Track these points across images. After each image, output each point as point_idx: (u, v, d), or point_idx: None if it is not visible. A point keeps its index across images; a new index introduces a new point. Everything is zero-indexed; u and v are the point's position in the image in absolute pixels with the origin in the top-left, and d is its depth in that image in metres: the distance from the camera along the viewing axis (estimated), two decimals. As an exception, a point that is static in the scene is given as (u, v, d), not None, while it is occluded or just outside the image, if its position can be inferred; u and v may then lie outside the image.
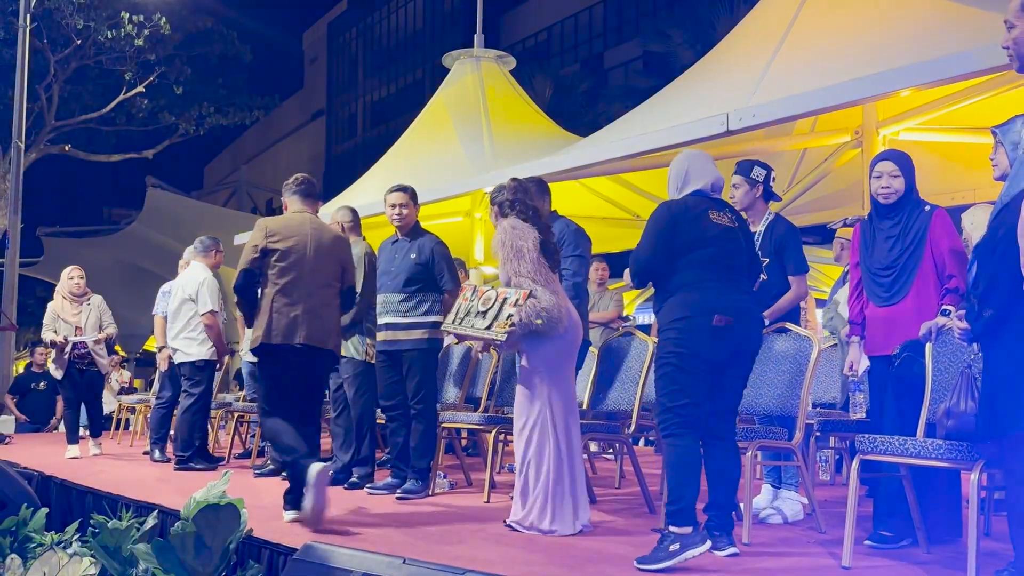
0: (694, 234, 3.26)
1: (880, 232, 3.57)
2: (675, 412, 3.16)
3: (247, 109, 20.23)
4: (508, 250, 3.74)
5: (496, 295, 3.81)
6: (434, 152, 9.35)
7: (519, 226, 3.80)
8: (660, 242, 3.26)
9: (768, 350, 3.97)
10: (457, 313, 3.99)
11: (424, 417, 4.74)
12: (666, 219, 3.28)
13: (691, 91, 6.82)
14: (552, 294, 3.72)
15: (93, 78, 18.27)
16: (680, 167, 3.46)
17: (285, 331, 4.07)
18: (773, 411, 3.90)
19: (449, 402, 5.44)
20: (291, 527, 3.76)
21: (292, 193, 4.44)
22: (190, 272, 6.59)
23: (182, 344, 6.41)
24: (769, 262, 4.14)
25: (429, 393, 4.78)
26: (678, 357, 3.18)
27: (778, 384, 3.90)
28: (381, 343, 4.84)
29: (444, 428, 5.01)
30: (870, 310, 3.60)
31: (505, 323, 3.66)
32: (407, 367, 4.76)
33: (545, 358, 3.73)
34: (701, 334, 3.17)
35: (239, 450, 7.50)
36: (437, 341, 4.80)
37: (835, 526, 3.77)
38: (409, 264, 4.76)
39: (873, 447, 3.06)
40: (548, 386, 3.72)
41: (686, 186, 3.41)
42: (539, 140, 9.18)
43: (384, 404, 4.92)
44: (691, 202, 3.35)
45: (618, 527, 3.92)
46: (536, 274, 3.73)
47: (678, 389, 3.16)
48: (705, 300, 3.20)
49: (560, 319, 3.70)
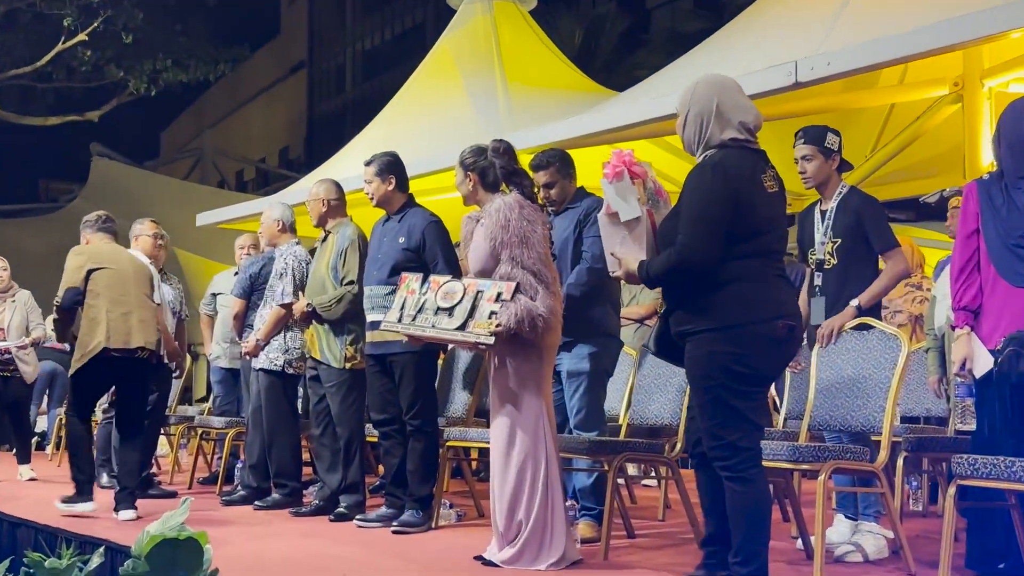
0: (753, 215, 3.08)
1: (1021, 191, 3.38)
2: (738, 447, 3.07)
3: (211, 62, 20.30)
4: (509, 233, 3.73)
5: (463, 288, 3.79)
6: (437, 112, 9.35)
7: (527, 207, 3.80)
8: (719, 225, 3.04)
9: (846, 351, 3.96)
10: (403, 309, 3.97)
11: (423, 434, 4.76)
12: (724, 189, 3.05)
13: (750, 35, 6.78)
14: (552, 299, 3.73)
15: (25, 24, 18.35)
16: (705, 101, 3.17)
17: None
18: (850, 426, 3.89)
19: (456, 415, 5.46)
20: (265, 566, 3.78)
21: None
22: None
23: None
24: (840, 243, 4.14)
25: (427, 404, 4.80)
26: (734, 377, 3.06)
27: (857, 393, 3.88)
28: (369, 346, 4.87)
29: (449, 447, 5.03)
30: (1001, 292, 3.40)
31: (488, 322, 3.65)
32: (399, 374, 4.78)
33: (532, 364, 3.76)
34: (763, 347, 3.07)
35: (203, 473, 7.57)
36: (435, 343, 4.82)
37: (928, 566, 3.75)
38: (396, 250, 4.78)
39: (974, 470, 3.04)
40: (538, 398, 3.76)
41: (724, 129, 3.15)
42: (565, 96, 9.16)
43: (376, 418, 4.95)
44: (743, 165, 3.12)
45: (661, 564, 3.93)
46: (541, 271, 3.73)
47: (741, 420, 3.07)
48: (768, 300, 3.09)
49: (553, 330, 3.74)
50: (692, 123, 3.22)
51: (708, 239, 3.06)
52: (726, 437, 3.07)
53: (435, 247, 4.74)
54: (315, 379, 5.32)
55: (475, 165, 4.00)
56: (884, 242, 4.15)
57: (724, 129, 3.17)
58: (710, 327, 3.09)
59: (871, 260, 4.21)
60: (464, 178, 4.03)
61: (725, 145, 3.16)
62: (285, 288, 5.54)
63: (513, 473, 3.74)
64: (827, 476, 3.58)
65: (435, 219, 4.86)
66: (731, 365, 3.05)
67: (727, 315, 3.07)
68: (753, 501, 3.07)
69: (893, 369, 3.79)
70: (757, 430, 3.15)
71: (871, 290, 4.10)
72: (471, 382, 5.49)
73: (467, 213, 4.10)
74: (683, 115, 3.25)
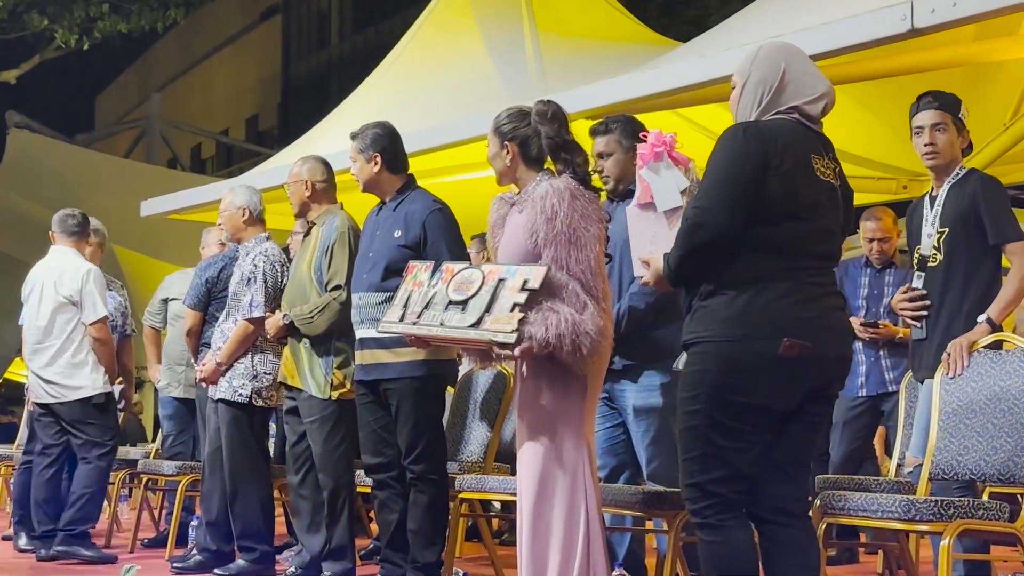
0: (788, 191, 3.13)
1: None
2: (707, 490, 3.15)
3: (160, 8, 20.43)
4: (556, 228, 3.71)
5: (482, 276, 3.76)
6: (449, 69, 9.37)
7: (581, 196, 3.79)
8: (742, 187, 3.11)
9: (974, 379, 3.94)
10: (407, 306, 3.95)
11: (427, 482, 4.78)
12: (749, 157, 3.12)
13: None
14: (602, 317, 3.71)
15: (-75, -38, 18.61)
16: (770, 67, 3.27)
17: None
18: (983, 475, 3.87)
19: (471, 459, 5.46)
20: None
21: None
22: (62, 258, 6.65)
23: (60, 374, 6.51)
24: (947, 233, 4.16)
25: (432, 445, 4.81)
26: (720, 407, 3.12)
27: (990, 433, 3.87)
28: (359, 369, 4.89)
29: (463, 499, 5.04)
30: None
31: (511, 316, 3.60)
32: (396, 406, 4.79)
33: (572, 396, 3.77)
34: (761, 370, 3.10)
35: (149, 533, 7.61)
36: (441, 365, 4.85)
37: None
38: (390, 246, 4.80)
39: None
40: (578, 439, 3.76)
41: (778, 99, 3.24)
42: (612, 49, 9.15)
43: (369, 463, 4.97)
44: (788, 133, 3.18)
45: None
46: (591, 281, 3.71)
47: (713, 454, 3.14)
48: (778, 311, 3.12)
49: (601, 355, 3.74)
50: (751, 91, 3.28)
51: (724, 201, 3.11)
52: (696, 477, 3.16)
53: (439, 242, 4.76)
54: (292, 412, 5.36)
55: (515, 133, 3.98)
56: (1002, 233, 4.16)
57: (781, 98, 3.24)
58: (705, 338, 3.15)
59: (987, 257, 4.21)
60: (500, 149, 4.01)
61: (777, 114, 3.23)
62: (254, 297, 5.57)
63: (544, 534, 3.74)
64: (952, 538, 3.56)
65: (439, 206, 4.88)
66: (719, 391, 3.12)
67: (725, 325, 3.12)
68: (725, 556, 3.15)
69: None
70: (739, 479, 3.18)
71: (1001, 298, 4.11)
72: (491, 416, 5.50)
73: (498, 194, 4.10)
74: (741, 83, 3.31)
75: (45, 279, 6.57)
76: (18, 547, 6.87)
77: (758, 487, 3.21)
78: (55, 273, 6.57)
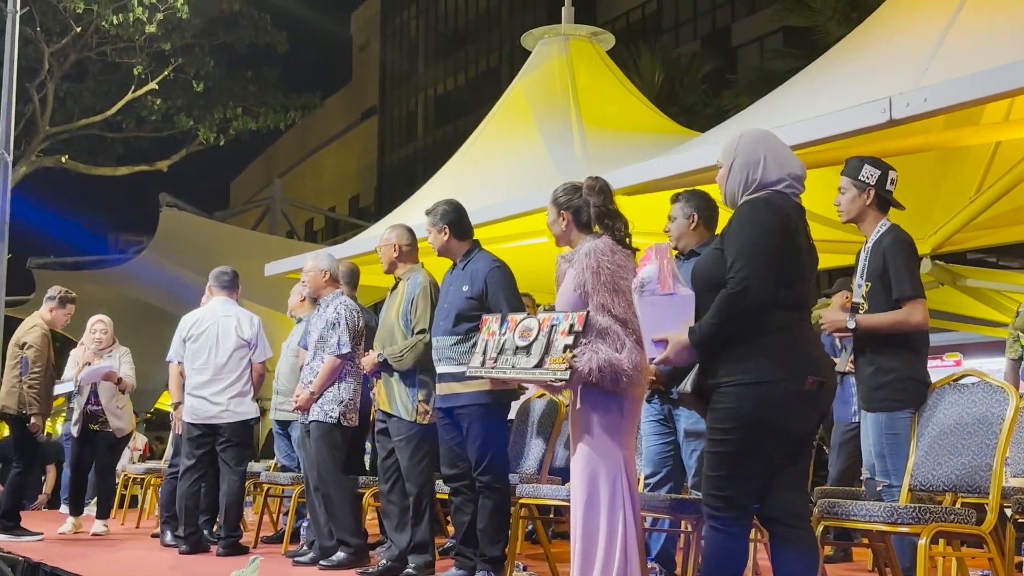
0: (798, 250, 3.17)
1: None
2: (730, 502, 3.14)
3: (282, 110, 20.78)
4: (600, 278, 3.76)
5: (538, 324, 3.83)
6: (511, 156, 9.44)
7: (619, 252, 3.83)
8: (772, 257, 3.09)
9: (950, 404, 3.89)
10: (486, 353, 4.01)
11: (493, 490, 4.78)
12: (778, 222, 3.13)
13: (842, 70, 6.74)
14: (639, 353, 3.73)
15: (96, 74, 19.05)
16: (752, 151, 3.26)
17: None
18: (954, 486, 3.82)
19: (530, 472, 5.45)
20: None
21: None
22: (231, 307, 6.74)
23: (232, 400, 6.55)
24: (870, 288, 4.07)
25: (497, 459, 4.81)
26: (751, 436, 3.09)
27: (962, 450, 3.81)
28: (439, 398, 4.93)
29: (523, 505, 5.03)
30: None
31: (563, 356, 3.68)
32: (467, 427, 4.81)
33: (612, 416, 3.78)
34: (790, 404, 3.09)
35: (268, 531, 7.67)
36: (503, 394, 4.85)
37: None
38: (460, 298, 4.85)
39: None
40: (618, 453, 3.78)
41: (767, 178, 3.22)
42: (645, 139, 9.17)
43: (447, 473, 4.98)
44: (792, 207, 3.22)
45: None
46: (631, 321, 3.73)
47: (737, 475, 3.13)
48: (802, 355, 3.12)
49: (637, 385, 3.78)
50: (738, 172, 3.27)
51: (765, 271, 3.09)
52: (722, 491, 3.14)
53: (498, 294, 4.78)
54: (383, 432, 5.37)
55: (569, 203, 4.05)
56: (901, 288, 4.00)
57: (769, 176, 3.23)
58: (740, 381, 3.11)
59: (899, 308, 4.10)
60: (557, 217, 4.08)
61: (773, 189, 3.23)
62: (341, 337, 5.63)
63: (592, 533, 3.75)
64: (928, 539, 3.50)
65: (499, 264, 4.91)
66: (755, 426, 3.09)
67: (759, 370, 3.09)
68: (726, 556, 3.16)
69: (1000, 425, 3.71)
70: (754, 494, 3.17)
71: (877, 317, 4.01)
72: (546, 435, 5.49)
73: (560, 254, 4.15)
74: (727, 165, 3.31)
75: (222, 324, 6.61)
76: (164, 543, 6.94)
77: (772, 496, 3.19)
78: (234, 319, 6.64)
